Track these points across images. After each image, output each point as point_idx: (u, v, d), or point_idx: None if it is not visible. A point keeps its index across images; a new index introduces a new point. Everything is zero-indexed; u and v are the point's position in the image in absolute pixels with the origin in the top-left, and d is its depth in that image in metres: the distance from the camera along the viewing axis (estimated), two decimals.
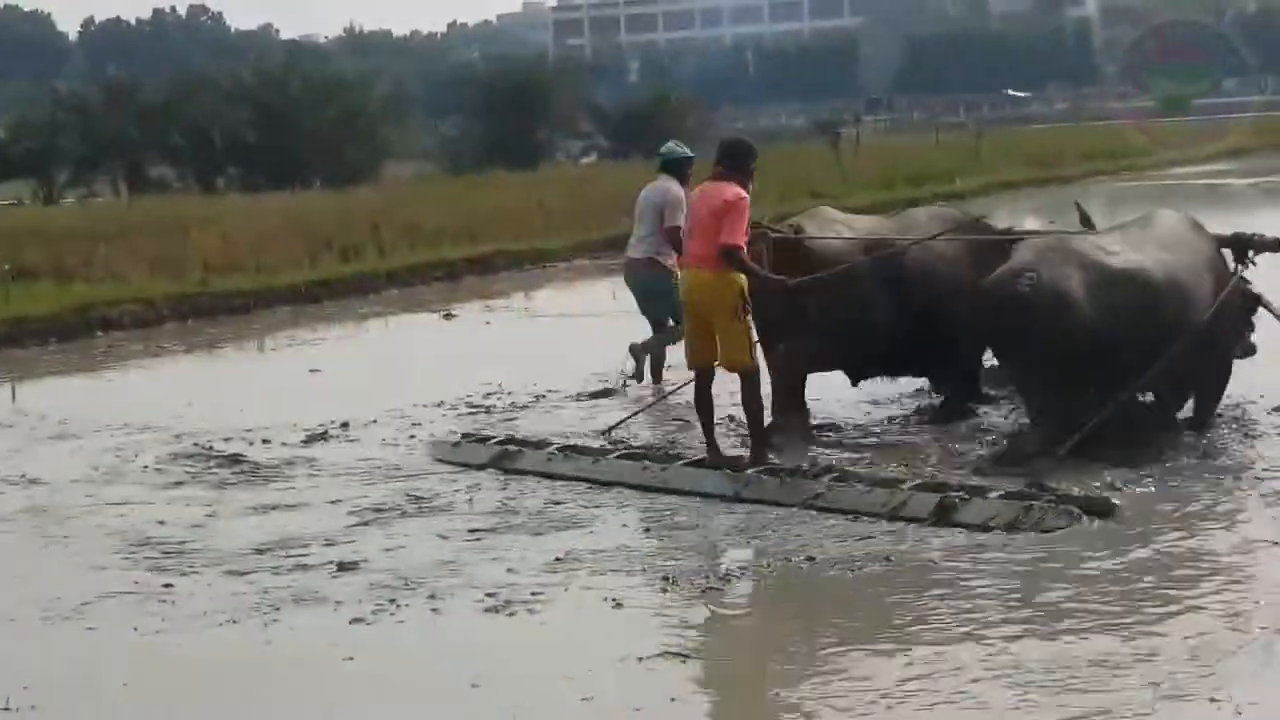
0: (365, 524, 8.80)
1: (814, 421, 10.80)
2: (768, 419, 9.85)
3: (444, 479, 9.75)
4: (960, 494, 8.63)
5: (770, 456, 9.53)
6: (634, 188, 30.91)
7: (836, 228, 10.90)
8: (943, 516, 8.47)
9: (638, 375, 12.69)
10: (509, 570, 7.78)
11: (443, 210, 26.50)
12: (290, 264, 21.06)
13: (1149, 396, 10.26)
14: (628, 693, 6.16)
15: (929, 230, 11.12)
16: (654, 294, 12.59)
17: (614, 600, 7.26)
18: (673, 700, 6.07)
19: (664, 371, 12.70)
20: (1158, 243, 9.99)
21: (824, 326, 10.36)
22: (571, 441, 10.43)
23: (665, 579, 7.53)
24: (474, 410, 11.91)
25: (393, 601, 7.38)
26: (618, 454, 10.00)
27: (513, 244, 23.85)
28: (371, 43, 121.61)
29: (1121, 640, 6.47)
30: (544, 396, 12.37)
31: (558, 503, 9.08)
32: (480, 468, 10.04)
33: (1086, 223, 11.05)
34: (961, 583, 7.37)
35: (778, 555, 7.86)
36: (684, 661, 6.42)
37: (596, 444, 10.38)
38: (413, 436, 11.03)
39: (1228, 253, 10.64)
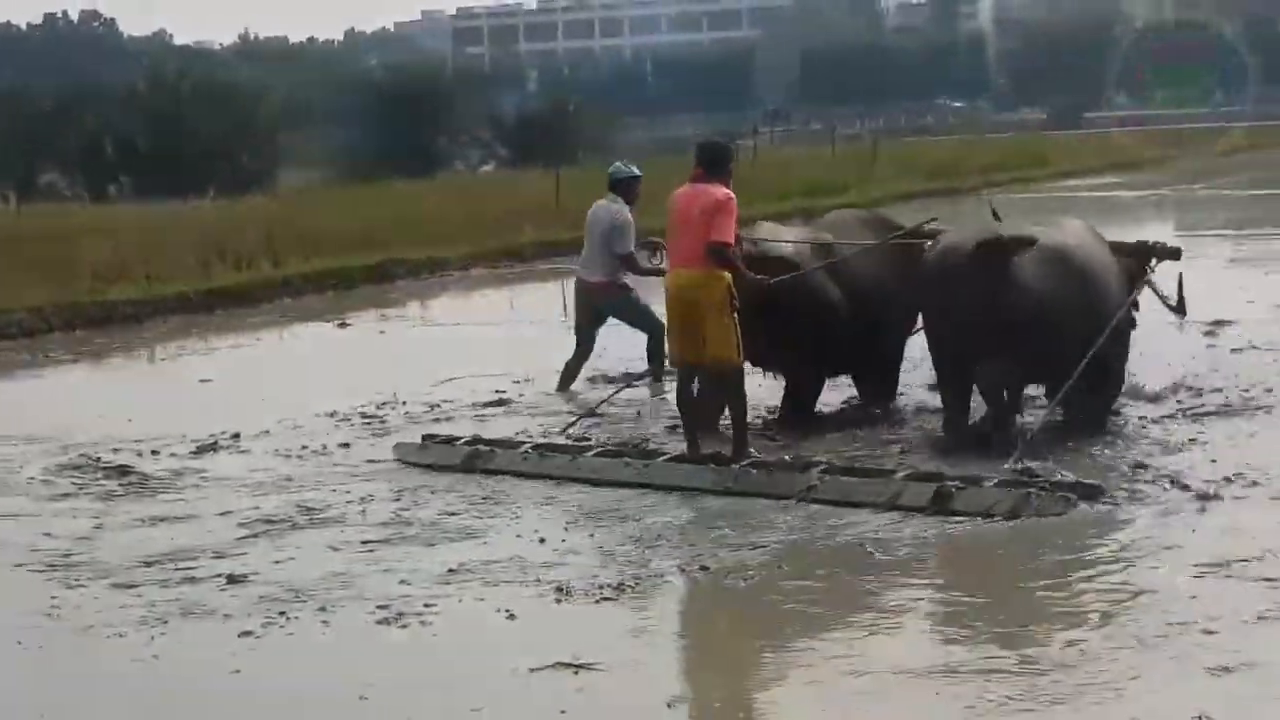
0: (255, 536, 8.70)
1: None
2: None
3: (336, 490, 9.66)
4: (956, 483, 8.86)
5: (752, 452, 9.73)
6: (533, 197, 31.16)
7: (784, 236, 11.17)
8: (941, 505, 8.70)
9: (655, 377, 12.65)
10: (401, 582, 7.72)
11: (338, 218, 26.30)
12: (182, 273, 20.77)
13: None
14: (518, 704, 6.14)
15: (860, 233, 11.44)
16: (617, 311, 12.87)
17: (507, 611, 7.23)
18: (563, 712, 6.04)
19: (571, 383, 12.87)
20: (1073, 239, 10.49)
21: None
22: (540, 440, 10.57)
23: (559, 590, 7.50)
24: (368, 421, 11.82)
25: (283, 614, 7.30)
26: (595, 452, 10.09)
27: (409, 253, 23.71)
28: (267, 50, 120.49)
29: (1003, 644, 6.53)
30: (438, 406, 12.30)
31: (452, 513, 9.03)
32: (452, 470, 10.05)
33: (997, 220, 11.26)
34: (852, 589, 7.41)
35: (672, 565, 7.86)
36: (576, 673, 6.39)
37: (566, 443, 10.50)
38: (305, 447, 10.93)
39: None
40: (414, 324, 18.94)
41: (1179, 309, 11.47)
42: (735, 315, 9.59)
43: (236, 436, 11.32)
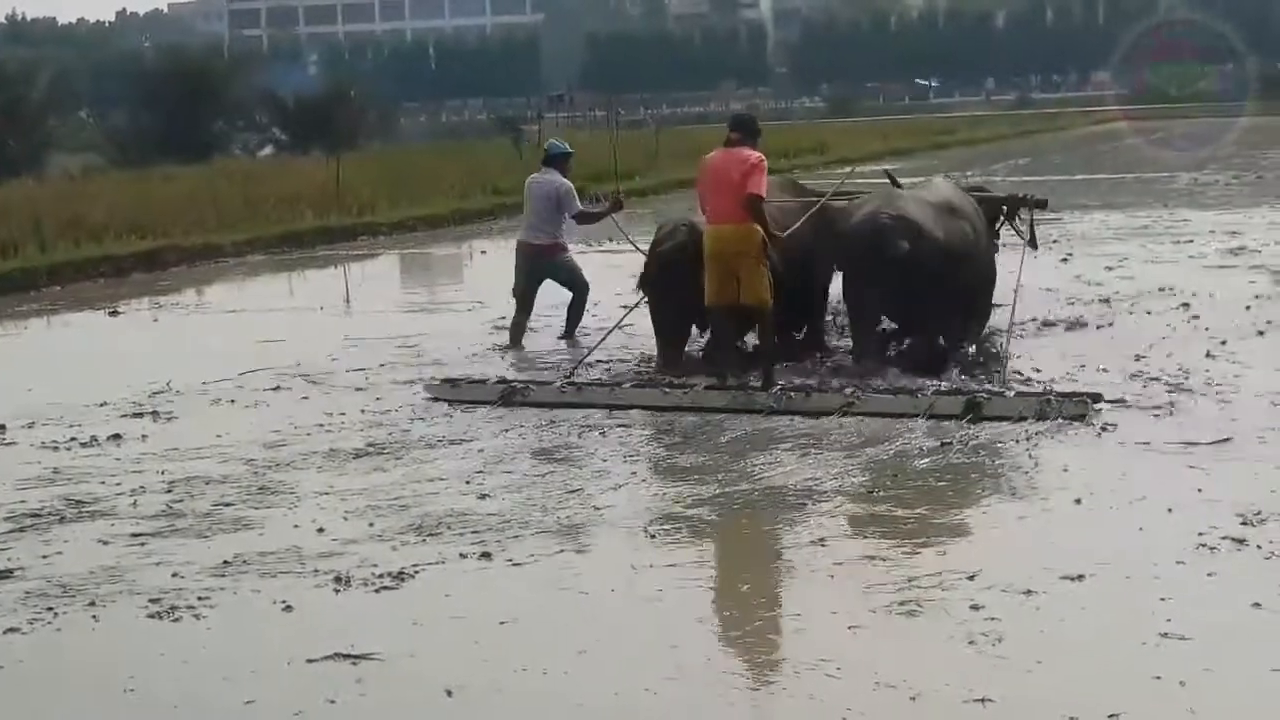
0: (22, 530, 8.42)
1: None
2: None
3: (106, 482, 9.39)
4: (983, 394, 10.40)
5: (778, 380, 11.08)
6: (312, 182, 30.63)
7: None
8: (974, 413, 10.10)
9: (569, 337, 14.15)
10: (174, 575, 7.54)
11: (110, 204, 25.59)
12: None
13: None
14: (292, 696, 6.03)
15: (780, 196, 12.61)
16: (556, 273, 14.25)
17: (284, 603, 7.11)
18: (332, 702, 5.96)
19: (520, 339, 14.04)
20: (949, 201, 12.31)
21: None
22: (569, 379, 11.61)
23: (338, 580, 7.39)
24: (139, 412, 11.51)
25: (50, 610, 7.08)
26: (632, 383, 11.39)
27: (183, 239, 23.20)
28: (35, 31, 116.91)
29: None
30: (213, 395, 12.04)
31: (227, 504, 8.83)
32: (489, 404, 11.07)
33: (895, 185, 13.19)
34: (626, 567, 7.44)
35: (453, 553, 7.80)
36: (355, 664, 6.31)
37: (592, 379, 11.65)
38: (74, 438, 10.61)
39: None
40: (189, 311, 18.49)
41: (1032, 243, 13.44)
42: (768, 263, 11.00)
43: (2, 429, 10.97)
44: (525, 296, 14.15)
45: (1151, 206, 25.42)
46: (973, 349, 12.22)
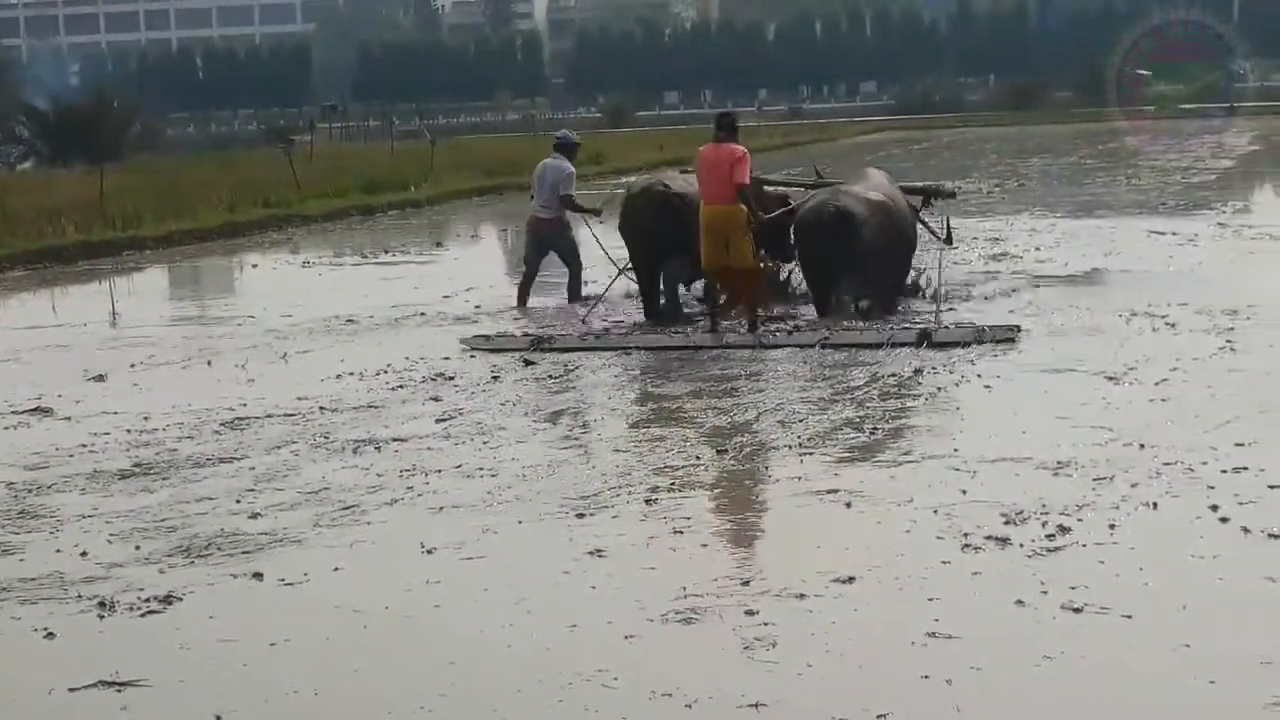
0: None
1: None
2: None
3: None
4: (932, 326, 13.15)
5: (760, 327, 13.81)
6: (75, 195, 29.73)
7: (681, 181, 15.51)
8: (927, 340, 12.70)
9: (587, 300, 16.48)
10: None
11: None
12: None
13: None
14: None
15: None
16: (557, 245, 16.80)
17: (45, 630, 6.87)
18: None
19: (526, 301, 16.68)
20: (884, 192, 14.85)
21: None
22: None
23: (102, 605, 7.17)
24: None
25: None
26: (643, 331, 14.23)
27: None
28: None
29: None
30: None
31: None
32: (523, 351, 13.26)
33: (819, 176, 16.78)
34: (401, 589, 7.36)
35: (224, 574, 7.62)
36: (120, 691, 6.13)
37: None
38: None
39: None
40: None
41: (948, 240, 16.34)
42: (752, 235, 13.72)
43: None
44: (532, 264, 16.82)
45: None
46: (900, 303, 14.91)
